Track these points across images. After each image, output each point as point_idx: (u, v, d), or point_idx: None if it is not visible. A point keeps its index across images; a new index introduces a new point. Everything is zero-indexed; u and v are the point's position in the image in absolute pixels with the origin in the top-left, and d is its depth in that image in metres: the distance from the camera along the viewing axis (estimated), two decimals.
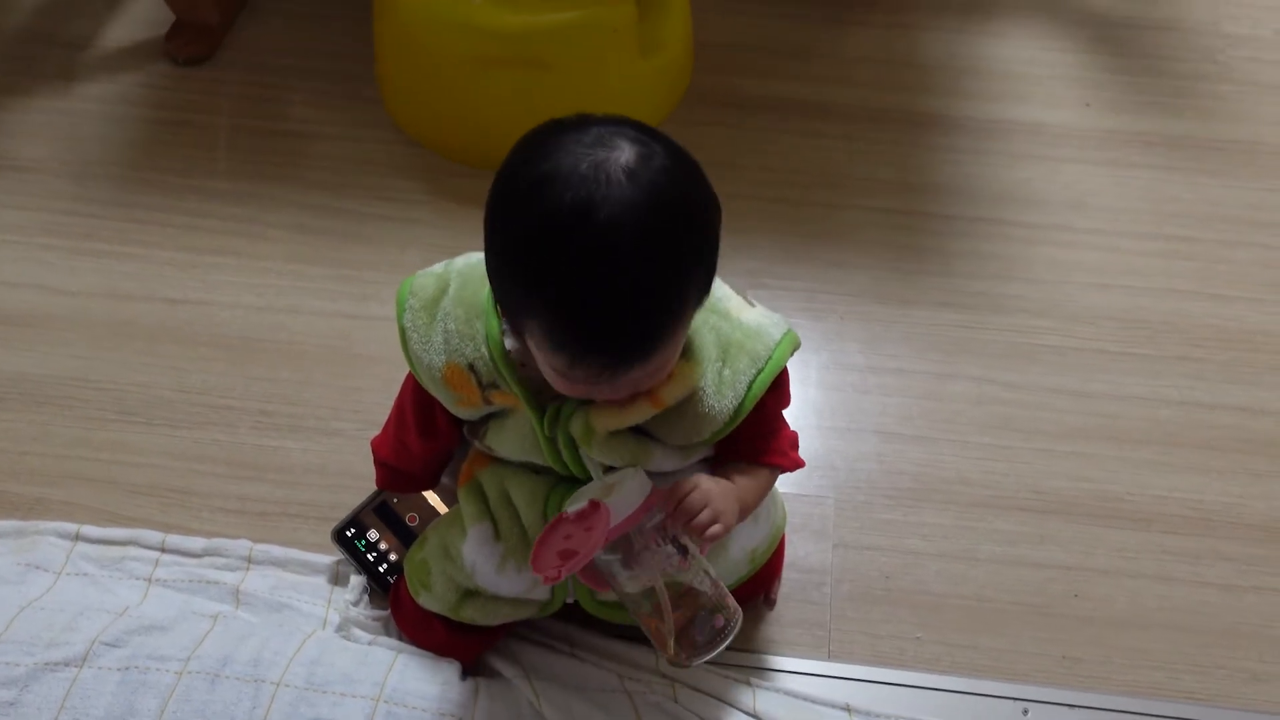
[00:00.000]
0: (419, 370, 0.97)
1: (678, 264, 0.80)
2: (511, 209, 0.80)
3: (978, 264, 1.48)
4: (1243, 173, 1.58)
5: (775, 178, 1.56)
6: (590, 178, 0.76)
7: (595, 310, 0.79)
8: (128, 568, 1.16)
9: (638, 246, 0.77)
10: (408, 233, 1.50)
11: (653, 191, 0.77)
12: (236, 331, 1.39)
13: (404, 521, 1.19)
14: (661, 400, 0.90)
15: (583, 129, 0.80)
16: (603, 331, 0.80)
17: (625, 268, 0.78)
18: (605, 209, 0.76)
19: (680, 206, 0.80)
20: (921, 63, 1.71)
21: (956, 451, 1.31)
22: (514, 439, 0.99)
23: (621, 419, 0.91)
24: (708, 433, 0.94)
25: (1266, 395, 1.37)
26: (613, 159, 0.77)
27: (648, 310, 0.80)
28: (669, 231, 0.79)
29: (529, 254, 0.79)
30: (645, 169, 0.77)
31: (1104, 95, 1.67)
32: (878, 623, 1.19)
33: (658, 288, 0.80)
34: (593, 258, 0.77)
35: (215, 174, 1.56)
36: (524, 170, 0.79)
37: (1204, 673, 1.17)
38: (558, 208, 0.77)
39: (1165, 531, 1.26)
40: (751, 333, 0.94)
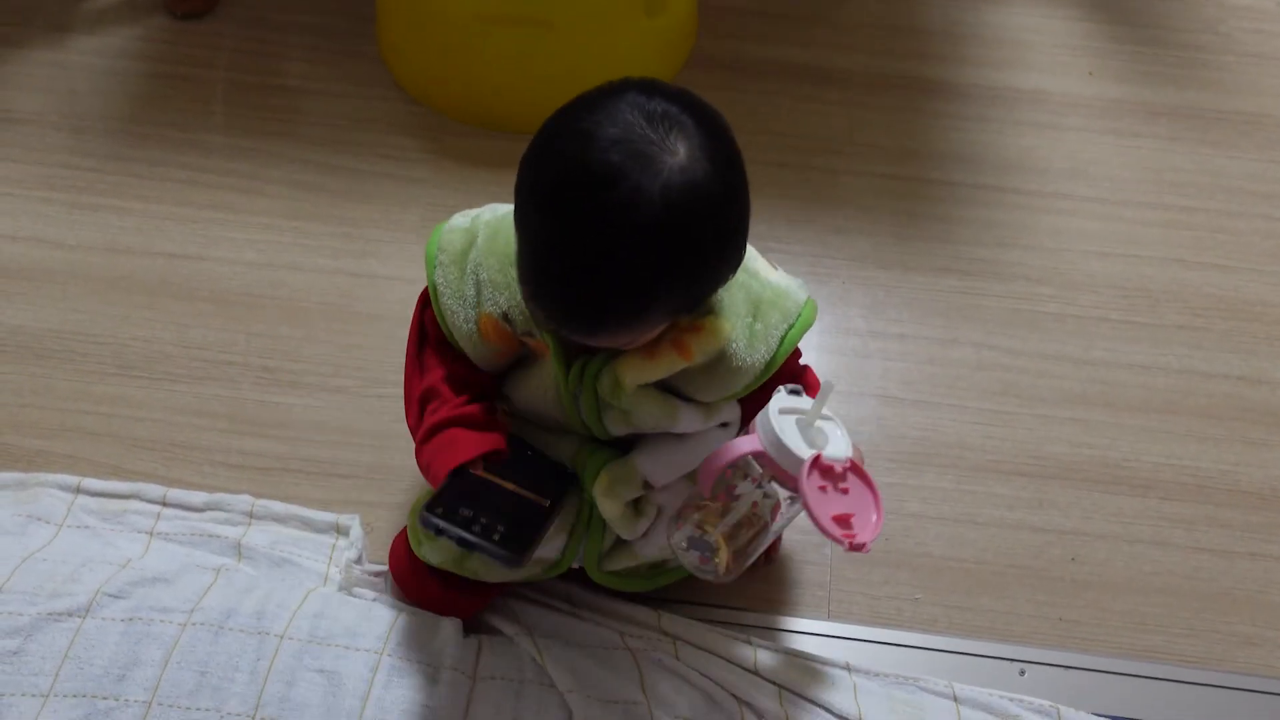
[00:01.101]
0: (451, 326, 0.97)
1: (661, 274, 0.80)
2: (552, 146, 0.80)
3: (980, 231, 1.48)
4: (1245, 143, 1.59)
5: (778, 142, 1.56)
6: (627, 158, 0.76)
7: (556, 267, 0.80)
8: (129, 521, 1.16)
9: (631, 243, 0.77)
10: (408, 191, 1.49)
11: (677, 209, 0.77)
12: (237, 287, 1.39)
13: (495, 486, 0.98)
14: (690, 353, 0.90)
15: (650, 96, 0.79)
16: (556, 289, 0.81)
17: (610, 254, 0.78)
18: (623, 193, 0.76)
19: (694, 233, 0.79)
20: (925, 29, 1.70)
21: (957, 416, 1.32)
22: (535, 390, 0.99)
23: (650, 371, 0.91)
24: (740, 386, 0.94)
25: (1264, 365, 1.37)
26: (661, 153, 0.76)
27: (601, 300, 0.80)
28: (668, 245, 0.78)
29: (545, 184, 0.80)
30: (684, 179, 0.77)
31: (1107, 64, 1.67)
32: (877, 584, 1.20)
33: (627, 289, 0.80)
34: (588, 222, 0.78)
35: (214, 129, 1.54)
36: (581, 118, 0.79)
37: (1198, 636, 1.18)
38: (589, 164, 0.77)
39: (1162, 498, 1.27)
40: (781, 292, 0.95)
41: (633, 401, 0.94)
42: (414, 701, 1.01)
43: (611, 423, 0.98)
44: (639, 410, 0.95)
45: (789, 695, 1.06)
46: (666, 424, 0.96)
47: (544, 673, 1.05)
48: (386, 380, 1.31)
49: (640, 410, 0.95)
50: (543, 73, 1.49)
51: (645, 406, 0.95)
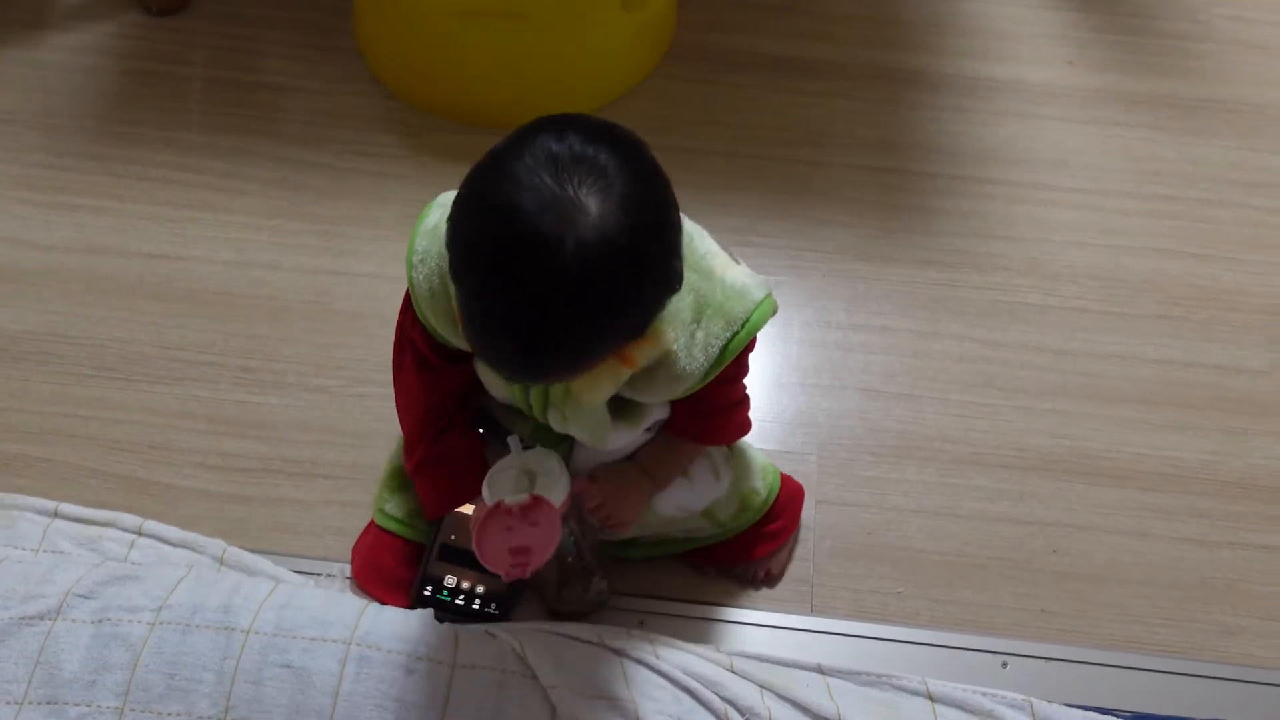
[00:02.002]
0: (429, 318, 0.98)
1: (594, 330, 0.82)
2: (472, 214, 0.81)
3: (960, 222, 1.48)
4: (1224, 132, 1.59)
5: (758, 135, 1.55)
6: (543, 228, 0.77)
7: (494, 335, 0.82)
8: (104, 548, 1.14)
9: (557, 310, 0.79)
10: (387, 188, 1.48)
11: (595, 267, 0.77)
12: (215, 287, 1.38)
13: (470, 552, 1.05)
14: (634, 361, 0.91)
15: (561, 139, 0.79)
16: (496, 351, 0.84)
17: (539, 322, 0.79)
18: (540, 261, 0.77)
19: (619, 281, 0.80)
20: (905, 20, 1.70)
21: (938, 409, 1.32)
22: (494, 375, 1.02)
23: (598, 383, 0.92)
24: (680, 390, 0.95)
25: (1243, 354, 1.38)
26: (573, 212, 0.77)
27: (542, 358, 0.82)
28: (595, 305, 0.80)
29: (467, 257, 0.81)
30: (599, 235, 0.77)
31: (1087, 53, 1.67)
32: (860, 578, 1.20)
33: (564, 347, 0.82)
34: (513, 295, 0.79)
35: (190, 127, 1.53)
36: (494, 186, 0.80)
37: (1179, 626, 1.19)
38: (503, 240, 0.78)
39: (1143, 488, 1.28)
40: (733, 293, 0.93)
41: (576, 413, 0.97)
42: (386, 696, 0.99)
43: (553, 419, 1.01)
44: (579, 423, 0.99)
45: (770, 694, 1.06)
46: (597, 443, 1.01)
47: (526, 665, 1.04)
48: (368, 379, 1.31)
49: (580, 424, 0.99)
50: (521, 67, 1.49)
51: (585, 423, 0.98)
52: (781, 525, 1.18)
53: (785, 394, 1.32)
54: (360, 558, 1.16)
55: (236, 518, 1.21)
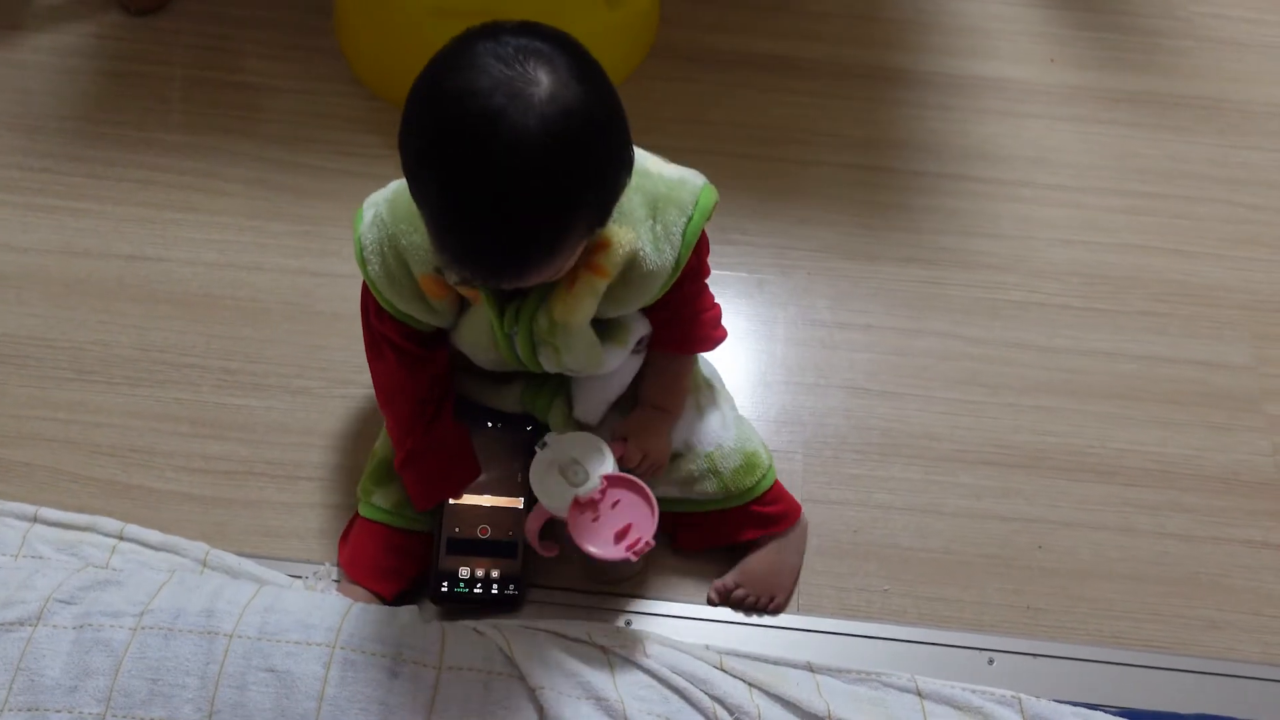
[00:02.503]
0: (395, 305, 1.03)
1: (567, 200, 0.84)
2: (425, 114, 0.83)
3: (943, 220, 1.48)
4: (1205, 128, 1.60)
5: (741, 133, 1.55)
6: (500, 103, 0.79)
7: (471, 229, 0.84)
8: (84, 553, 1.13)
9: (529, 181, 0.81)
10: (370, 188, 1.44)
11: (559, 135, 0.80)
12: (197, 288, 1.37)
13: (480, 538, 1.13)
14: (604, 269, 0.95)
15: (498, 41, 0.82)
16: (476, 249, 0.85)
17: (513, 198, 0.81)
18: (504, 137, 0.79)
19: (583, 151, 0.83)
20: (887, 18, 1.70)
21: (923, 406, 1.32)
22: (473, 334, 1.05)
23: (577, 302, 0.97)
24: (656, 288, 1.00)
25: (1226, 349, 1.38)
26: (528, 87, 0.80)
27: (523, 242, 0.84)
28: (564, 170, 0.82)
29: (429, 158, 0.83)
30: (557, 106, 0.80)
31: (1068, 51, 1.68)
32: (846, 576, 1.20)
33: (541, 223, 0.84)
34: (483, 178, 0.81)
35: (171, 127, 1.52)
36: (443, 80, 0.82)
37: (1164, 621, 1.19)
38: (464, 123, 0.80)
39: (1127, 484, 1.28)
40: (675, 183, 0.98)
41: (566, 341, 1.00)
42: (371, 699, 0.99)
43: (545, 359, 1.04)
44: (571, 351, 1.02)
45: (759, 692, 1.06)
46: (593, 367, 1.04)
47: (514, 665, 1.04)
48: (350, 380, 1.30)
49: (572, 351, 1.02)
50: None
51: (577, 348, 1.02)
52: (778, 511, 1.17)
53: (770, 392, 1.32)
54: (349, 551, 1.16)
55: (219, 521, 1.20)
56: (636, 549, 1.03)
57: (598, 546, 1.04)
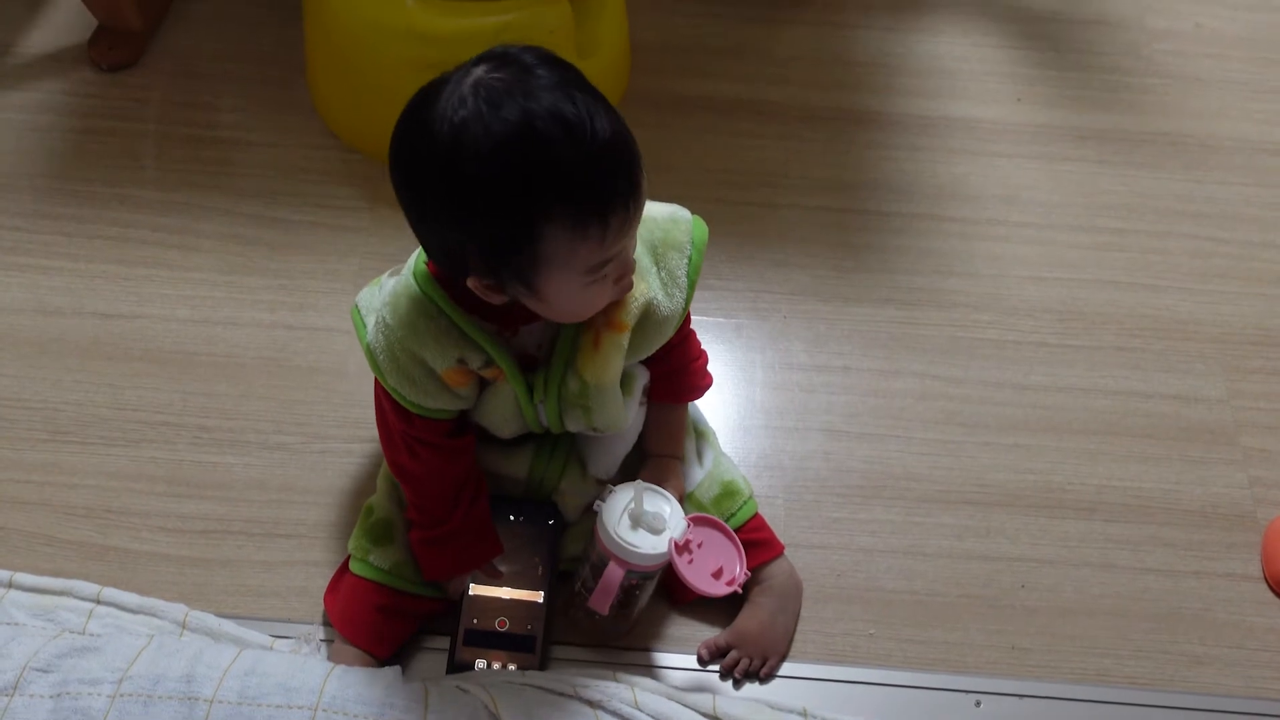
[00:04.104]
0: (423, 405, 1.02)
1: (617, 113, 0.87)
2: (484, 157, 0.82)
3: (916, 260, 1.49)
4: (1170, 164, 1.62)
5: (713, 178, 1.56)
6: (553, 106, 0.82)
7: (593, 166, 0.84)
8: (61, 618, 1.12)
9: (591, 113, 0.83)
10: (346, 240, 1.48)
11: (570, 80, 0.85)
12: (172, 345, 1.36)
13: (497, 631, 1.12)
14: (624, 324, 0.98)
15: (471, 74, 0.84)
16: (609, 176, 0.85)
17: (595, 130, 0.83)
18: (550, 111, 0.82)
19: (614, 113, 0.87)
20: (855, 60, 1.72)
21: (902, 447, 1.32)
22: (495, 409, 1.05)
23: (607, 362, 0.99)
24: (671, 331, 1.03)
25: (1199, 383, 1.40)
26: (531, 78, 0.83)
27: (627, 144, 0.87)
28: (599, 96, 0.86)
29: (531, 181, 0.83)
30: (557, 76, 0.84)
31: (1035, 90, 1.70)
32: (831, 620, 1.20)
33: (622, 129, 0.87)
34: (574, 140, 0.82)
35: (144, 183, 1.52)
36: (472, 126, 0.82)
37: (1148, 657, 1.19)
38: (528, 123, 0.81)
39: (1107, 520, 1.28)
40: (668, 224, 1.01)
41: (599, 401, 1.02)
42: None
43: (572, 422, 1.06)
44: (603, 410, 1.03)
45: None
46: (620, 423, 1.06)
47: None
48: (328, 435, 1.29)
49: (604, 409, 1.03)
50: None
51: (609, 407, 1.03)
52: (761, 538, 1.17)
53: (750, 437, 1.32)
54: (340, 608, 1.13)
55: (197, 581, 1.18)
56: (738, 582, 1.04)
57: (707, 585, 1.04)
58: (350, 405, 1.31)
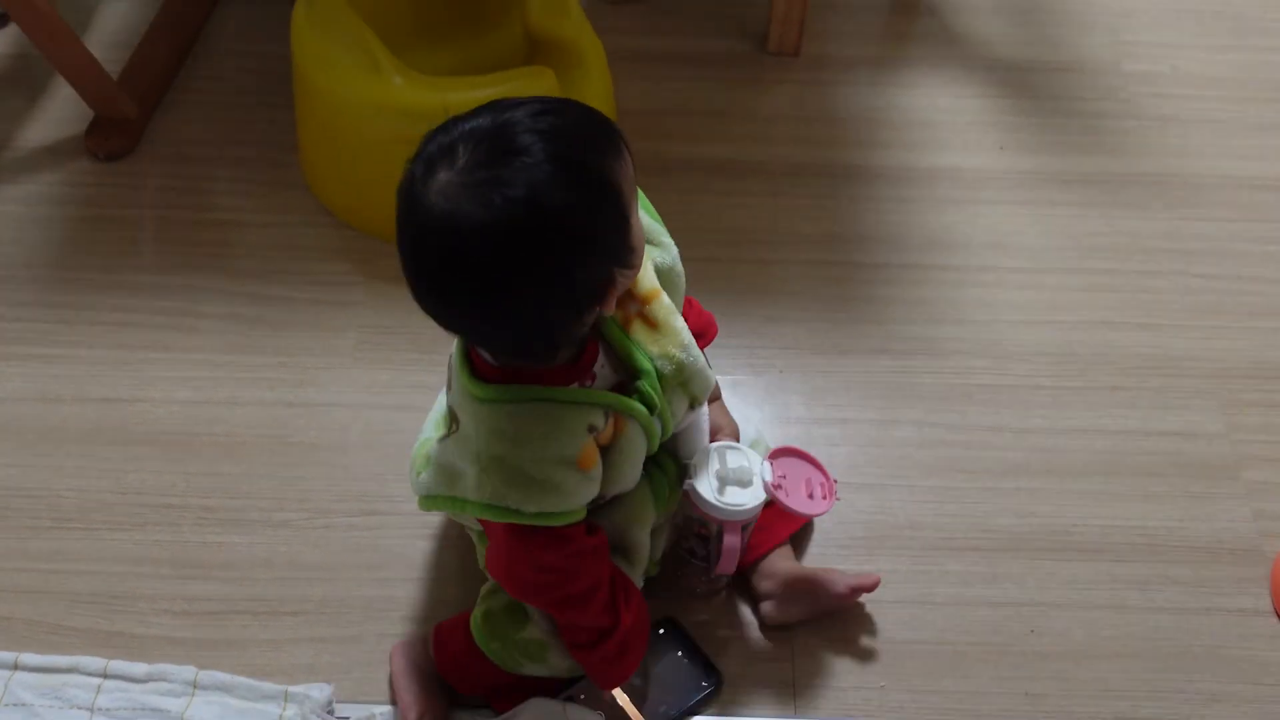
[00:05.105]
0: (570, 507, 0.97)
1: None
2: (570, 213, 0.83)
3: (909, 309, 1.50)
4: (1155, 204, 1.63)
5: (704, 238, 1.58)
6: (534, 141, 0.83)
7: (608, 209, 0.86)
8: (68, 695, 1.12)
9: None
10: (343, 315, 1.49)
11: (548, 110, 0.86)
12: (173, 427, 1.37)
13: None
14: (655, 289, 1.00)
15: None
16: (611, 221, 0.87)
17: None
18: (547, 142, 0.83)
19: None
20: (838, 116, 1.75)
21: (905, 496, 1.32)
22: (631, 446, 1.01)
23: (671, 326, 1.00)
24: (683, 274, 1.07)
25: (1197, 418, 1.40)
26: (520, 115, 0.84)
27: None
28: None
29: (603, 220, 0.86)
30: (535, 123, 0.84)
31: (1017, 138, 1.72)
32: (841, 675, 1.19)
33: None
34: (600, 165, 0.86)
35: (142, 268, 1.54)
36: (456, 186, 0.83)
37: (1163, 698, 1.18)
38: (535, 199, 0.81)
39: (1114, 560, 1.28)
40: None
41: (693, 362, 1.02)
42: None
43: (679, 407, 1.04)
44: (696, 368, 1.02)
45: None
46: (709, 375, 1.06)
47: None
48: (331, 510, 1.30)
49: (696, 367, 1.02)
50: None
51: (698, 366, 1.03)
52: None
53: None
54: (451, 653, 1.13)
55: (203, 664, 1.17)
56: (831, 493, 1.13)
57: (807, 508, 1.12)
58: (351, 479, 1.32)
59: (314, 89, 1.51)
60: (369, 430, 1.36)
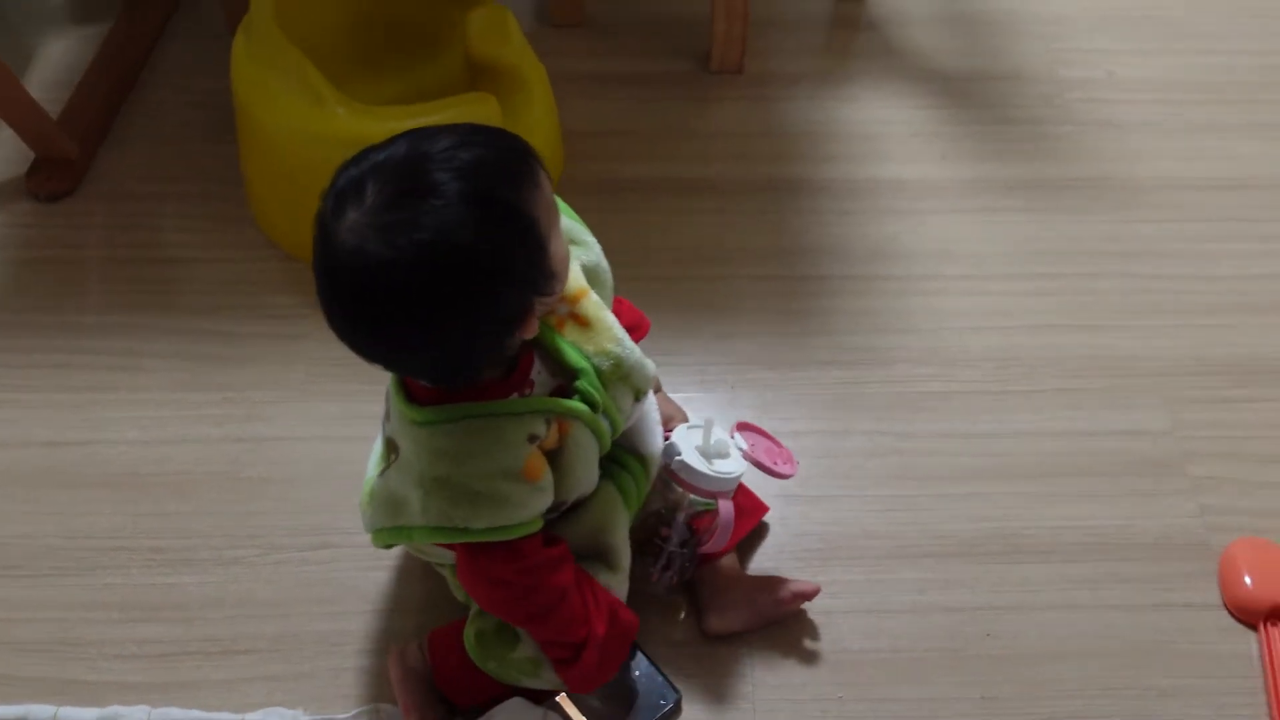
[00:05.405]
0: (521, 518, 0.96)
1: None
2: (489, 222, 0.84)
3: (856, 320, 1.51)
4: (1095, 206, 1.66)
5: (653, 256, 1.59)
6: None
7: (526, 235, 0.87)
8: None
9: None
10: (292, 348, 1.48)
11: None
12: (121, 468, 1.36)
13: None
14: (583, 288, 1.02)
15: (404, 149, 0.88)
16: (528, 250, 0.88)
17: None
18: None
19: None
20: (782, 132, 1.76)
21: (857, 506, 1.33)
22: (582, 449, 1.01)
23: (602, 321, 1.01)
24: (609, 271, 1.09)
25: (1142, 416, 1.42)
26: (434, 148, 0.85)
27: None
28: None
29: (510, 243, 0.86)
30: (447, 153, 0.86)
31: (958, 147, 1.74)
32: (799, 687, 1.19)
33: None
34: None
35: (87, 309, 1.53)
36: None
37: (1116, 695, 1.19)
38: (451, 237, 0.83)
39: (1065, 560, 1.29)
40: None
41: (631, 357, 1.02)
42: None
43: (623, 400, 1.04)
44: (634, 361, 1.03)
45: None
46: (648, 365, 1.06)
47: None
48: (283, 545, 1.29)
49: (634, 361, 1.03)
50: None
51: (632, 355, 1.03)
52: (748, 505, 1.24)
53: None
54: (451, 666, 1.12)
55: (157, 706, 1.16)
56: (792, 459, 1.22)
57: (783, 469, 1.19)
58: (304, 512, 1.31)
59: (256, 122, 1.50)
60: (319, 463, 1.35)
